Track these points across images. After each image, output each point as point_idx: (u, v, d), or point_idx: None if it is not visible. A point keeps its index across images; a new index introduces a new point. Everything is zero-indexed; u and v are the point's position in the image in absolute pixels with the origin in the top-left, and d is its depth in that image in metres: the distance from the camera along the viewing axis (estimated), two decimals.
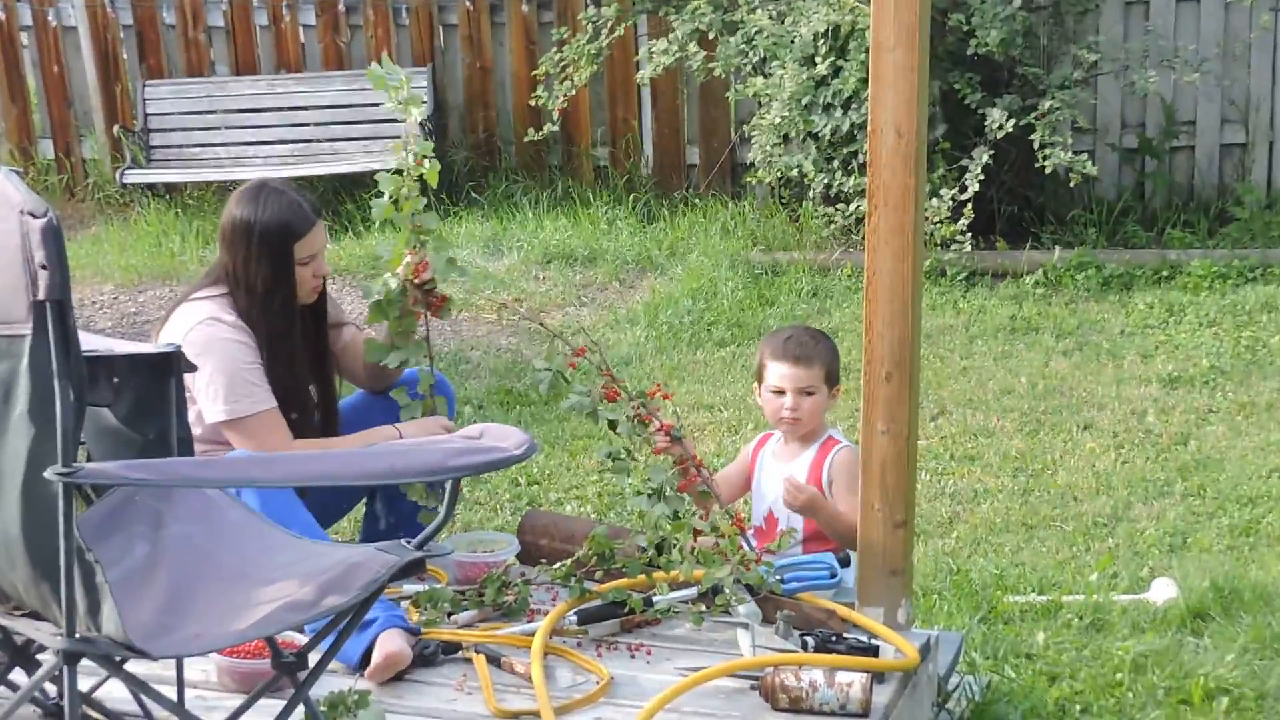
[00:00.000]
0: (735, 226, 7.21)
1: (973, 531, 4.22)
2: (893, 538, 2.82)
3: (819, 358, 3.21)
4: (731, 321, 6.20)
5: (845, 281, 6.64)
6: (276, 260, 3.14)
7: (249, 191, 3.18)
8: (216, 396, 3.11)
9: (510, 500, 4.53)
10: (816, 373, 3.20)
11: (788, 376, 3.21)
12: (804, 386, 3.20)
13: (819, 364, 3.20)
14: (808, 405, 3.21)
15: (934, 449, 4.84)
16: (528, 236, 7.20)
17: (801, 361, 3.21)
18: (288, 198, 3.17)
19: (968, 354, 5.81)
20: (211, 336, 3.11)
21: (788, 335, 3.27)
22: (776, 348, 3.25)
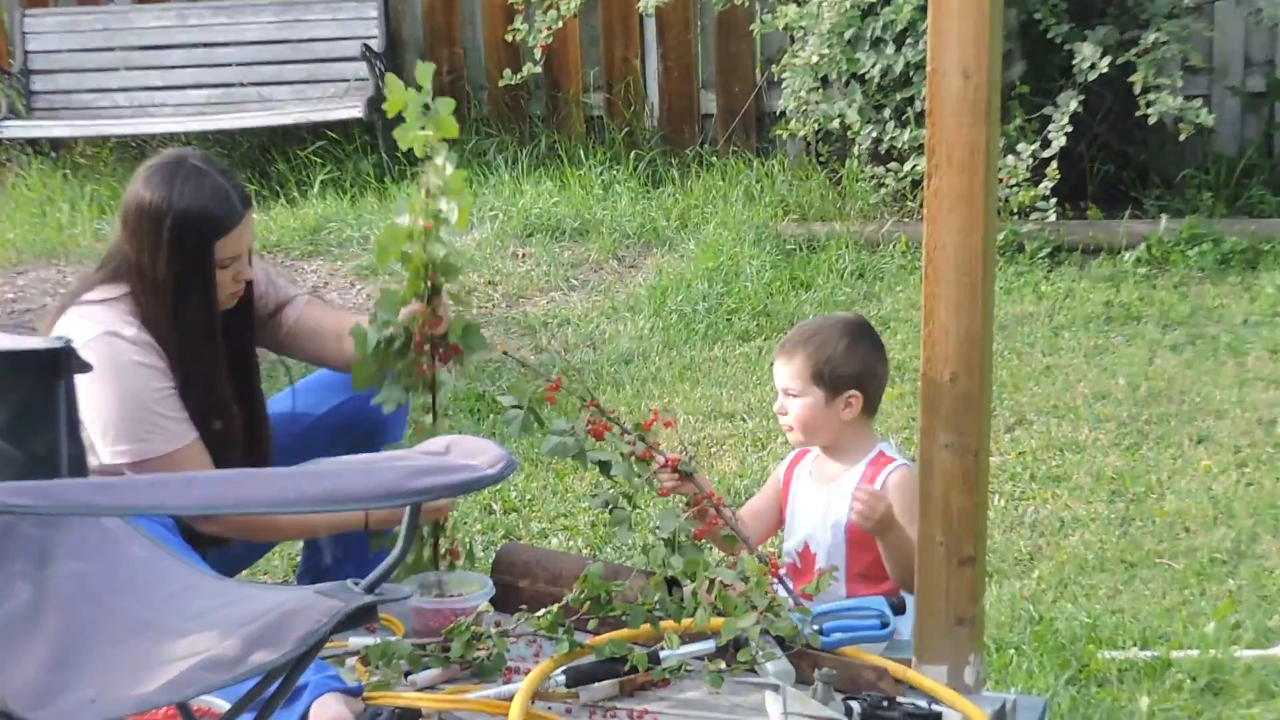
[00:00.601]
0: (762, 191, 7.22)
1: (1059, 570, 4.22)
2: (958, 578, 2.82)
3: (804, 349, 3.22)
4: (757, 309, 6.20)
5: (899, 259, 6.64)
6: (193, 259, 3.12)
7: (163, 168, 3.14)
8: (117, 434, 3.08)
9: (483, 532, 4.54)
10: (798, 368, 3.22)
11: (775, 371, 3.27)
12: (785, 385, 3.25)
13: (801, 357, 3.22)
14: (795, 410, 3.23)
15: (1010, 467, 4.84)
16: (503, 204, 7.21)
17: (783, 353, 3.25)
18: (212, 182, 3.13)
19: (1052, 349, 5.81)
20: (110, 358, 3.06)
21: (799, 324, 3.33)
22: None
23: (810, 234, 6.82)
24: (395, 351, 3.21)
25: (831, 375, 3.23)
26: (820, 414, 3.23)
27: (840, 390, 3.24)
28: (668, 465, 3.09)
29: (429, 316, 3.18)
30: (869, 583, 3.20)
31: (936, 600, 2.84)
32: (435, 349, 3.22)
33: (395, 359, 3.22)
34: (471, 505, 4.68)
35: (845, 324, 3.32)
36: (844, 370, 3.25)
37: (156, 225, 3.10)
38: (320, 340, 3.44)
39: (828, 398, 3.23)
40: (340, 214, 7.38)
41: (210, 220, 3.10)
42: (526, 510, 4.69)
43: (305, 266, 6.99)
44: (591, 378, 5.67)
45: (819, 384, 3.22)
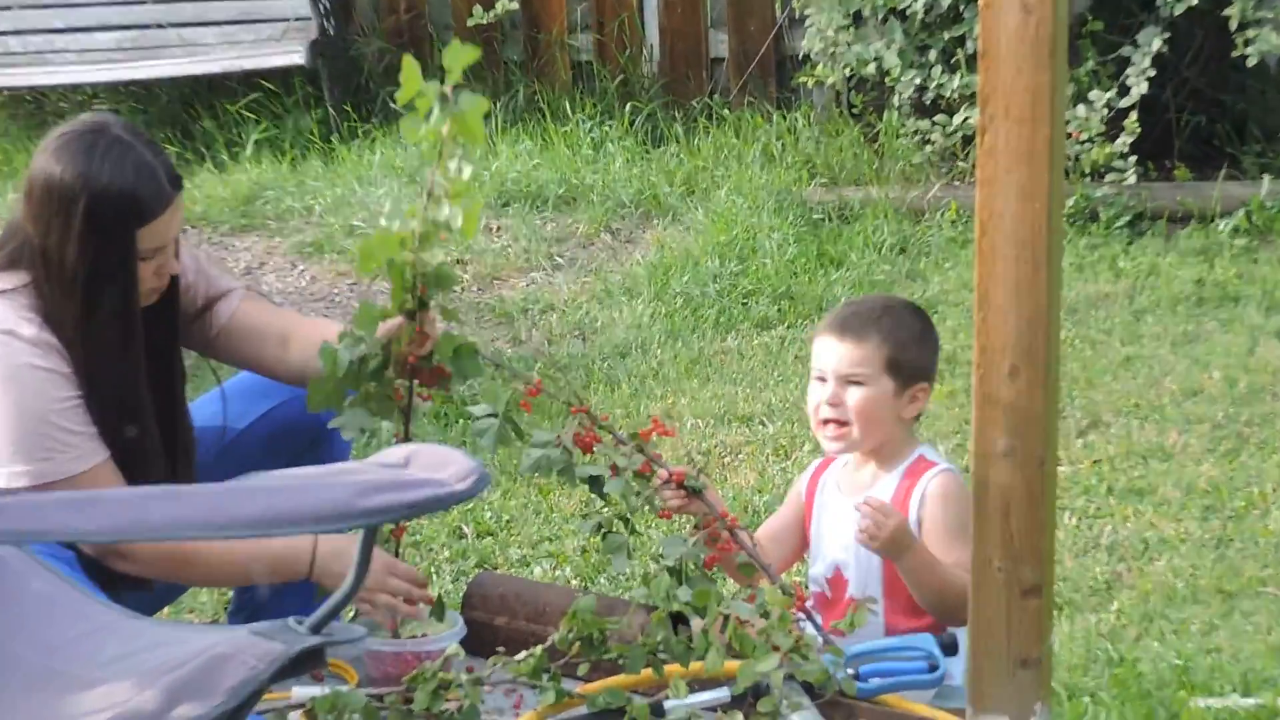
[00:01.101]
0: (783, 151, 7.22)
1: (1142, 602, 4.22)
2: (1021, 611, 2.82)
3: (879, 331, 3.22)
4: (778, 291, 6.21)
5: (948, 231, 6.65)
6: (111, 248, 3.11)
7: (78, 139, 3.11)
8: (14, 453, 3.08)
9: (452, 560, 4.54)
10: (870, 351, 3.21)
11: (828, 353, 3.24)
12: (848, 371, 3.22)
13: (876, 339, 3.22)
14: (856, 402, 3.22)
15: (1083, 478, 4.85)
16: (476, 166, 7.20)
17: (849, 332, 3.22)
18: (137, 157, 3.11)
19: (1132, 337, 5.81)
20: (3, 361, 3.07)
21: (850, 301, 3.31)
22: (828, 316, 3.30)
23: (842, 201, 6.82)
24: (369, 374, 3.19)
25: (907, 364, 3.24)
26: (886, 408, 3.24)
27: (911, 382, 3.25)
28: (672, 481, 3.09)
29: (412, 335, 3.15)
30: (914, 616, 3.21)
31: (995, 638, 2.85)
32: (417, 372, 3.20)
33: (366, 381, 3.20)
34: (438, 528, 4.68)
35: (912, 305, 3.35)
36: (919, 359, 3.27)
37: (68, 206, 3.07)
38: (258, 343, 3.43)
39: (897, 390, 3.24)
40: (279, 180, 7.39)
41: (133, 203, 3.09)
42: (504, 534, 4.69)
43: (237, 244, 7.00)
44: (581, 375, 5.68)
45: (892, 373, 3.23)
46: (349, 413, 3.21)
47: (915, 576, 3.14)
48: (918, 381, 3.27)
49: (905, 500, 3.24)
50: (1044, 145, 2.69)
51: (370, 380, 3.19)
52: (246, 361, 3.46)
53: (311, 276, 6.66)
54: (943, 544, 3.15)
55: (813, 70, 7.06)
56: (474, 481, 2.24)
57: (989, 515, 2.80)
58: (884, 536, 3.09)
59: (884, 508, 3.12)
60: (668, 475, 3.10)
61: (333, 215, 7.00)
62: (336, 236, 6.83)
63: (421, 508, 2.26)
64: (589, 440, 3.09)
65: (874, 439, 3.26)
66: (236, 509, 2.27)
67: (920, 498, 3.23)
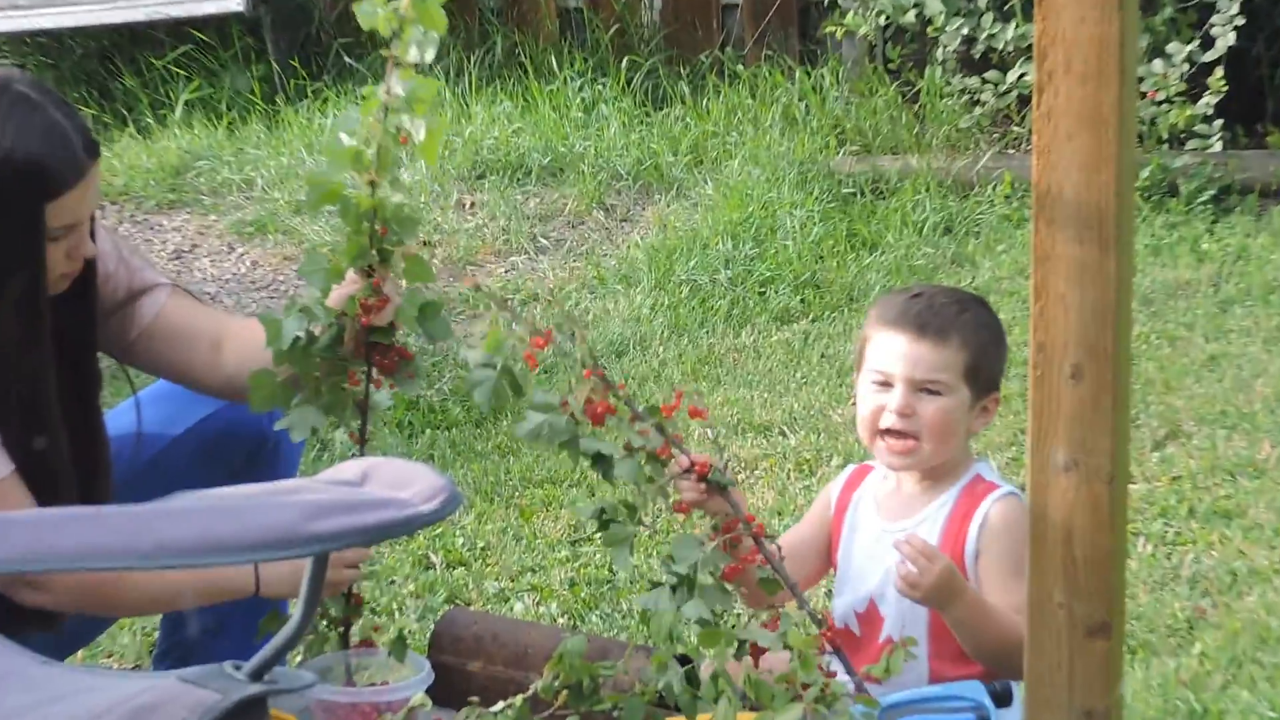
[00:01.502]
0: (808, 113, 7.23)
1: (1230, 644, 4.23)
2: (1087, 655, 2.83)
3: (960, 332, 3.22)
4: (801, 279, 6.22)
5: (1001, 207, 6.65)
6: (14, 225, 3.11)
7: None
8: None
9: (417, 594, 4.55)
10: (951, 357, 3.21)
11: (899, 354, 3.22)
12: (925, 378, 3.21)
13: (957, 341, 3.21)
14: (929, 413, 3.21)
15: (1160, 498, 4.85)
16: (445, 132, 7.21)
17: (929, 332, 3.21)
18: (45, 119, 3.10)
19: (1218, 332, 5.82)
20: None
21: (915, 292, 3.28)
22: (890, 307, 3.26)
23: (876, 172, 6.83)
24: (321, 351, 3.21)
25: (986, 371, 3.25)
26: (961, 421, 3.24)
27: (986, 392, 3.27)
28: (693, 470, 3.07)
29: (368, 295, 3.17)
30: (962, 663, 3.21)
31: (1055, 687, 2.85)
32: (374, 351, 3.22)
33: (316, 364, 3.22)
34: (401, 556, 4.69)
35: (978, 298, 3.35)
36: (996, 366, 3.28)
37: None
38: (186, 348, 3.42)
39: (973, 400, 3.25)
40: (213, 148, 7.40)
41: (40, 173, 3.08)
42: (479, 563, 4.70)
43: (164, 223, 7.01)
44: (570, 375, 5.68)
45: (970, 381, 3.23)
46: (297, 411, 3.22)
47: (966, 628, 3.13)
48: (991, 391, 3.27)
49: (962, 529, 3.23)
50: (1112, 107, 2.69)
51: (321, 358, 3.20)
52: (172, 369, 3.46)
53: (253, 261, 6.67)
54: (1004, 583, 3.13)
55: (842, 19, 7.07)
56: (442, 502, 2.24)
57: (1048, 542, 2.81)
58: (926, 585, 3.08)
59: (927, 550, 3.10)
60: (689, 463, 3.07)
61: (277, 189, 7.02)
62: (282, 214, 6.84)
63: (381, 532, 2.25)
64: (601, 410, 3.05)
65: (942, 456, 3.25)
66: (165, 534, 2.27)
67: (979, 526, 3.21)
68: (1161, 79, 6.40)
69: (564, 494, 5.00)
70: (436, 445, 5.28)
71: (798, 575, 3.23)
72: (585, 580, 4.57)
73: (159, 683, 2.32)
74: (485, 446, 5.28)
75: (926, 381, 3.21)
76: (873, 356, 3.25)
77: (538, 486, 5.05)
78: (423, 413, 5.44)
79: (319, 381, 3.22)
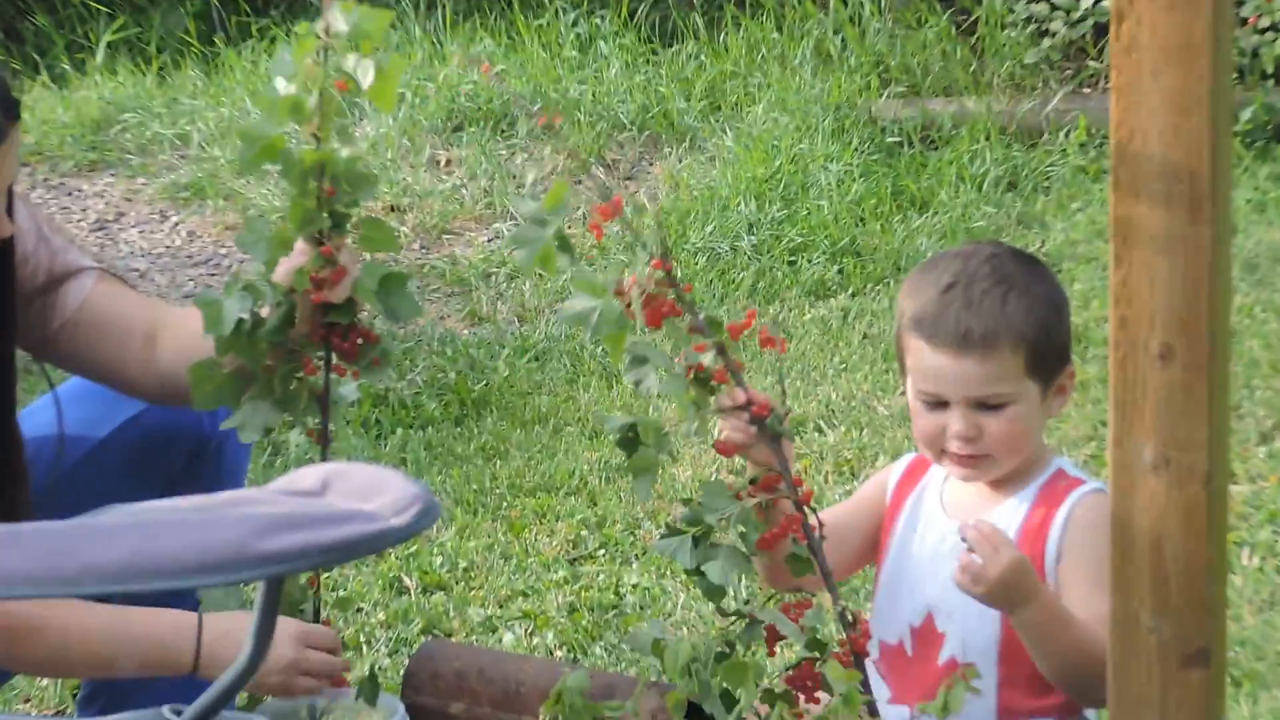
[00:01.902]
0: (844, 49, 7.23)
1: None
2: (1182, 687, 2.83)
3: (1009, 329, 3.20)
4: (839, 245, 6.23)
5: (1075, 157, 6.66)
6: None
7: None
8: None
9: (388, 624, 4.56)
10: (1006, 363, 3.19)
11: (945, 375, 3.21)
12: (984, 394, 3.21)
13: (1009, 344, 3.20)
14: (998, 428, 3.21)
15: (1268, 501, 4.85)
16: (414, 76, 7.23)
17: (973, 345, 3.20)
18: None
19: None
20: None
21: (944, 280, 3.26)
22: (923, 309, 3.25)
23: (927, 117, 6.85)
24: (269, 334, 3.21)
25: (1051, 351, 3.25)
26: (1034, 421, 3.25)
27: (1056, 373, 3.26)
28: (749, 406, 3.05)
29: (319, 267, 3.18)
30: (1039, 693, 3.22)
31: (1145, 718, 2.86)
32: (332, 333, 3.23)
33: (264, 351, 3.22)
34: (368, 579, 4.70)
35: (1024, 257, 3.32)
36: (1060, 339, 3.28)
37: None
38: (118, 341, 3.45)
39: (1042, 391, 3.25)
40: (142, 99, 7.42)
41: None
42: (461, 587, 4.71)
43: (85, 187, 7.03)
44: (564, 364, 5.69)
45: (1035, 374, 3.23)
46: (247, 407, 3.23)
47: (1037, 634, 3.14)
48: (1063, 369, 3.27)
49: (1043, 529, 3.24)
50: (1204, 37, 2.69)
51: (271, 344, 3.21)
52: (97, 366, 3.48)
53: (188, 232, 6.69)
54: (1088, 589, 3.13)
55: None
56: (416, 514, 2.24)
57: (1135, 554, 2.81)
58: (992, 577, 3.08)
59: (996, 537, 3.11)
60: (745, 399, 3.05)
61: (217, 146, 7.04)
62: (223, 176, 6.86)
63: (345, 550, 2.25)
64: (660, 309, 3.03)
65: (1019, 460, 3.26)
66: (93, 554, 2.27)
67: (1062, 525, 3.22)
68: (1265, 3, 6.40)
69: (560, 503, 5.00)
70: (409, 447, 5.29)
71: (832, 561, 3.21)
72: (587, 605, 4.57)
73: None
74: (467, 448, 5.28)
75: (985, 399, 3.21)
76: (915, 368, 3.25)
77: (530, 495, 5.06)
78: (393, 409, 5.44)
79: (270, 372, 3.23)
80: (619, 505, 4.98)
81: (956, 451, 3.21)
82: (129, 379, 3.46)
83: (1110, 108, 2.74)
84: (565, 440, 5.31)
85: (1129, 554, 2.82)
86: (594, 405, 5.45)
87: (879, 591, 3.35)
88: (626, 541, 4.85)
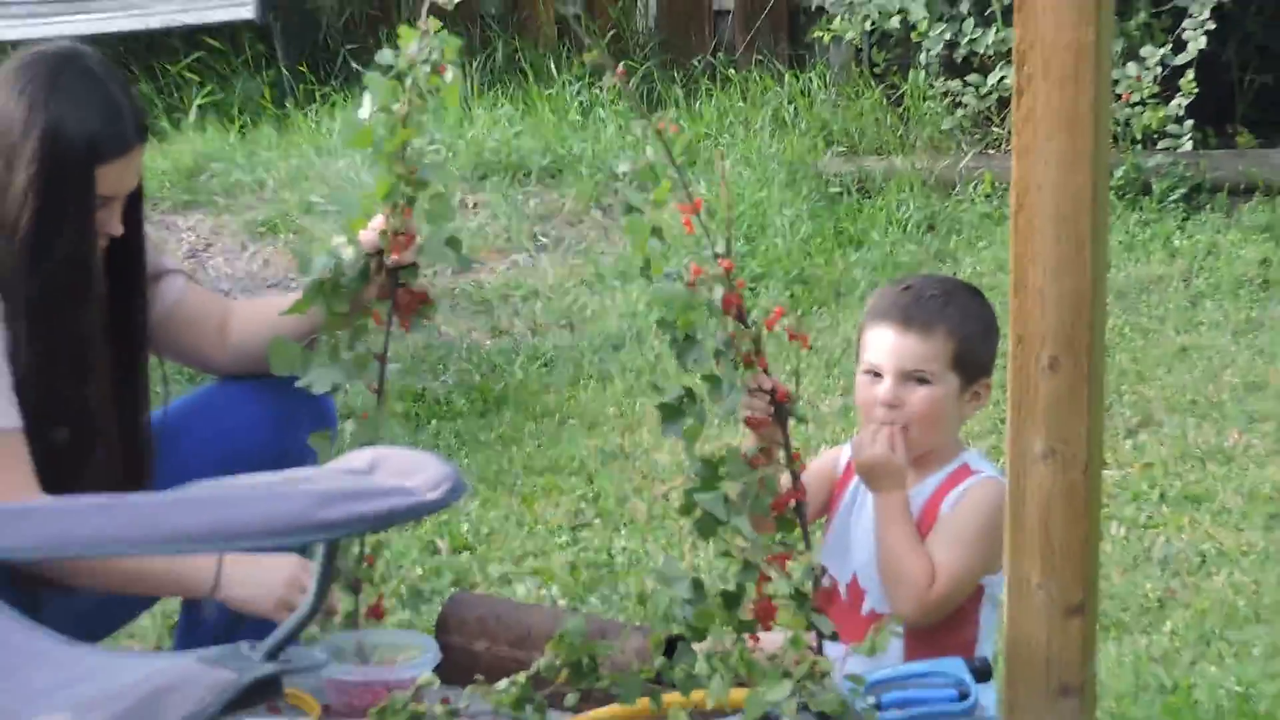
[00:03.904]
0: (796, 116, 7.23)
1: (1199, 622, 4.24)
2: (1063, 634, 2.84)
3: (946, 321, 3.22)
4: (791, 275, 6.22)
5: (981, 205, 6.66)
6: (65, 188, 3.17)
7: (46, 65, 3.20)
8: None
9: (424, 578, 4.55)
10: (937, 348, 3.21)
11: (888, 347, 3.23)
12: (914, 368, 3.22)
13: (944, 330, 3.22)
14: (917, 400, 3.22)
15: (1133, 484, 4.87)
16: (447, 135, 7.22)
17: (914, 324, 3.22)
18: (105, 94, 3.19)
19: (1188, 325, 5.83)
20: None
21: (904, 285, 3.29)
22: (881, 301, 3.28)
23: (862, 172, 6.84)
24: (350, 283, 3.27)
25: (974, 358, 3.25)
26: (950, 409, 3.25)
27: (976, 379, 3.27)
28: (773, 391, 3.05)
29: (397, 227, 3.24)
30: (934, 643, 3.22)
31: (1033, 663, 2.86)
32: (397, 289, 3.29)
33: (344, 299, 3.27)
34: (408, 542, 4.70)
35: (972, 288, 3.35)
36: (986, 352, 3.28)
37: (21, 134, 3.15)
38: (198, 332, 3.48)
39: (961, 387, 3.25)
40: (226, 151, 7.39)
41: (91, 140, 3.16)
42: (483, 548, 4.71)
43: (180, 223, 7.01)
44: (568, 369, 5.69)
45: (958, 369, 3.23)
46: (317, 371, 3.27)
47: (882, 519, 3.19)
48: (982, 377, 3.27)
49: (939, 500, 3.26)
50: (1088, 109, 2.71)
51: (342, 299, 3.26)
52: (183, 353, 3.53)
53: (264, 259, 6.67)
54: (940, 539, 3.19)
55: (829, 24, 7.07)
56: (447, 490, 2.25)
57: (1026, 526, 2.82)
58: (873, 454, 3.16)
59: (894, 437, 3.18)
60: (771, 385, 3.06)
61: (287, 190, 7.01)
62: (292, 214, 6.84)
63: (389, 519, 2.26)
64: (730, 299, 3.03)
65: (930, 442, 3.27)
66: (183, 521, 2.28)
67: (955, 499, 3.24)
68: (1135, 82, 6.41)
69: (564, 481, 5.00)
70: (441, 436, 5.29)
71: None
72: (585, 564, 4.58)
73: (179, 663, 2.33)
74: (488, 436, 5.28)
75: (913, 372, 3.22)
76: (866, 347, 3.27)
77: (539, 475, 5.06)
78: (428, 404, 5.45)
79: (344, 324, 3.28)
80: (612, 484, 4.98)
81: (880, 419, 3.22)
82: (206, 358, 3.52)
83: (1012, 166, 2.76)
84: (568, 431, 5.31)
85: (1022, 527, 2.83)
86: (592, 402, 5.46)
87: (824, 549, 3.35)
88: (617, 513, 4.85)
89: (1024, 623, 2.85)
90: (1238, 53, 6.91)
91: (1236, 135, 6.85)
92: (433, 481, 2.26)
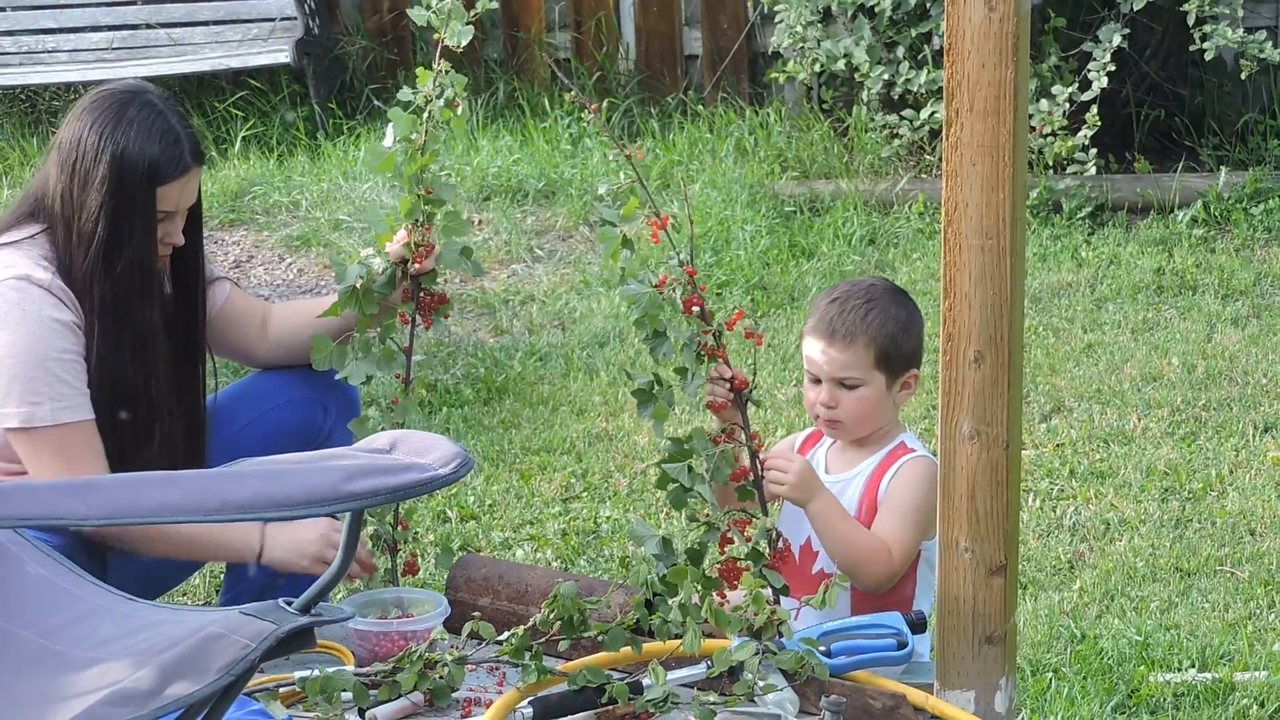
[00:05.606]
0: (756, 145, 7.22)
1: (1103, 581, 4.24)
2: (987, 590, 2.84)
3: (865, 333, 3.20)
4: (751, 282, 6.22)
5: (915, 222, 6.65)
6: (130, 204, 3.21)
7: (115, 99, 3.26)
8: (4, 394, 3.15)
9: (436, 543, 4.55)
10: (860, 355, 3.20)
11: (819, 358, 3.23)
12: (841, 375, 3.21)
13: (864, 342, 3.20)
14: (850, 403, 3.22)
15: (1046, 462, 4.87)
16: (455, 162, 7.21)
17: (838, 337, 3.22)
18: (166, 124, 3.25)
19: (1094, 324, 5.83)
20: (16, 303, 3.16)
21: (834, 296, 3.28)
22: (813, 313, 3.28)
23: (812, 194, 6.83)
24: (380, 288, 3.32)
25: (897, 356, 3.23)
26: (881, 402, 3.25)
27: (902, 371, 3.26)
28: (732, 380, 3.07)
29: (420, 240, 3.30)
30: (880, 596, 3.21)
31: (961, 616, 2.86)
32: (419, 295, 3.34)
33: (375, 301, 3.32)
34: (422, 512, 4.69)
35: (894, 289, 3.33)
36: (907, 348, 3.26)
37: (92, 160, 3.20)
38: (242, 330, 3.53)
39: (889, 382, 3.24)
40: (266, 176, 7.37)
41: (153, 164, 3.22)
42: (487, 517, 4.70)
43: (226, 238, 6.98)
44: (560, 363, 5.68)
45: (882, 368, 3.22)
46: (353, 364, 3.32)
47: (824, 522, 3.16)
48: (908, 369, 3.26)
49: (878, 478, 3.26)
50: (1008, 138, 2.71)
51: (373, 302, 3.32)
52: (229, 348, 3.56)
53: (299, 269, 6.65)
54: (887, 515, 3.20)
55: (784, 67, 7.06)
56: (457, 466, 2.26)
57: (955, 497, 2.82)
58: (790, 479, 3.12)
59: (783, 456, 3.18)
60: (730, 374, 3.07)
61: (319, 209, 6.99)
62: (323, 230, 6.82)
63: (407, 491, 2.27)
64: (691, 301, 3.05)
65: (866, 430, 3.28)
66: (230, 493, 2.28)
67: (891, 477, 3.25)
68: (1047, 116, 6.41)
69: (556, 460, 5.00)
70: (451, 420, 5.28)
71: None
72: (574, 531, 4.58)
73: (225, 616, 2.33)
74: (491, 421, 5.27)
75: (843, 378, 3.22)
76: (805, 355, 3.29)
77: (535, 454, 5.05)
78: (440, 394, 5.44)
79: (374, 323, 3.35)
80: (598, 462, 4.98)
81: (820, 416, 3.24)
82: (248, 352, 3.56)
83: (942, 188, 2.76)
84: (560, 416, 5.30)
85: (951, 497, 2.83)
86: (580, 392, 5.45)
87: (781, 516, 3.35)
88: (603, 487, 4.84)
89: (954, 581, 2.86)
90: (1135, 90, 6.92)
91: (1135, 162, 6.85)
92: (445, 459, 2.27)
